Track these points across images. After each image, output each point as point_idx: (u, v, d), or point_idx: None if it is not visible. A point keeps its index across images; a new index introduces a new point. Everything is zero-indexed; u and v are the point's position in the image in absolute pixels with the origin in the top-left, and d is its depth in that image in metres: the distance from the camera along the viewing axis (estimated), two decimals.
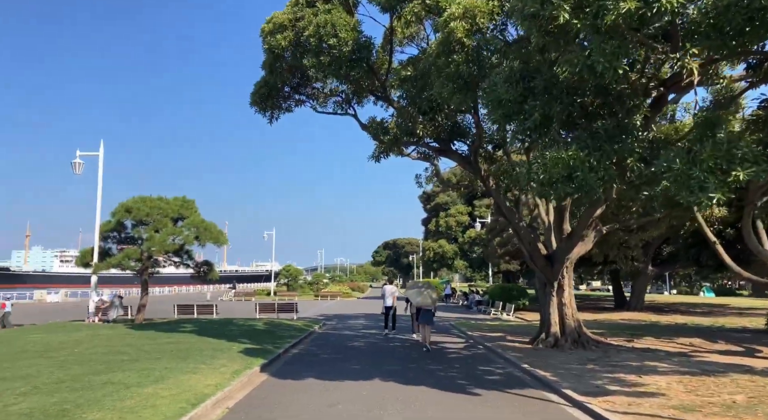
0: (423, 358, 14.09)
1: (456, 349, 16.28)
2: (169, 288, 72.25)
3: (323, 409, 8.35)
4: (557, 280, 16.52)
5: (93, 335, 16.40)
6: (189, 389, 9.02)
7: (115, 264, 20.87)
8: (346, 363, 13.02)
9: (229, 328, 19.39)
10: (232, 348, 14.24)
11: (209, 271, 23.84)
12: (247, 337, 16.73)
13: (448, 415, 8.05)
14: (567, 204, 15.78)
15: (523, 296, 34.58)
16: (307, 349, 15.84)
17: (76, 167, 22.27)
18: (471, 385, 10.35)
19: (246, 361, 12.24)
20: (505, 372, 12.16)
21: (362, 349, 15.90)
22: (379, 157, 17.59)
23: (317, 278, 64.09)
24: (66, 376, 9.62)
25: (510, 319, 29.39)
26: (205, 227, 21.91)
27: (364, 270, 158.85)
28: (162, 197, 22.70)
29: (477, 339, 18.54)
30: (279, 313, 27.11)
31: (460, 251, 49.70)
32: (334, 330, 21.74)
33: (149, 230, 21.39)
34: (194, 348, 13.81)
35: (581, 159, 8.85)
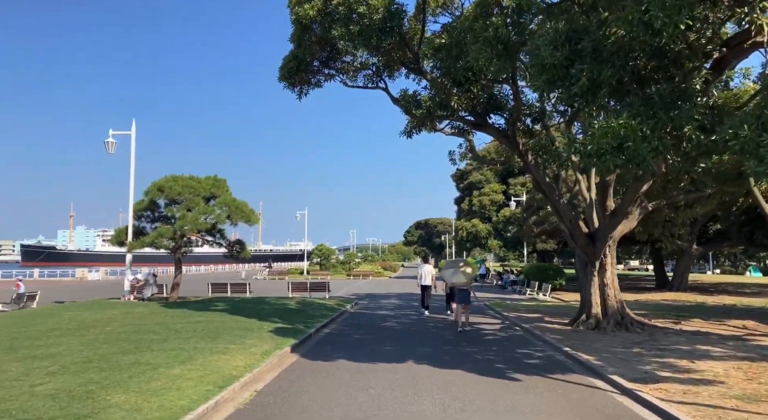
0: (458, 339, 13.61)
1: (492, 330, 15.74)
2: (205, 267, 73.51)
3: (355, 393, 7.96)
4: (599, 259, 15.74)
5: (126, 313, 16.47)
6: (217, 371, 8.75)
7: (148, 243, 20.94)
8: (379, 344, 12.65)
9: (260, 306, 19.27)
10: (263, 327, 14.02)
11: (242, 249, 23.77)
12: (278, 317, 16.54)
13: (487, 401, 7.56)
14: (611, 179, 14.90)
15: (559, 276, 33.70)
16: (338, 329, 15.55)
17: (108, 146, 22.33)
18: (510, 370, 9.82)
19: (276, 341, 11.98)
20: (545, 355, 11.58)
21: (395, 329, 15.52)
22: (411, 132, 16.95)
23: (349, 257, 64.14)
24: (94, 356, 9.48)
25: (546, 300, 28.63)
26: (236, 206, 21.75)
27: (396, 249, 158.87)
28: (193, 176, 22.61)
29: (513, 320, 17.95)
30: (311, 292, 26.99)
31: (494, 231, 48.71)
32: (367, 309, 21.45)
33: (181, 209, 21.35)
34: (225, 327, 13.64)
35: (633, 128, 8.09)
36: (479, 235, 48.26)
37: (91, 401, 6.69)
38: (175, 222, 21.06)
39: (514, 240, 46.03)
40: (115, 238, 22.20)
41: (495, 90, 15.16)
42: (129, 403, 6.68)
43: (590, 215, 15.99)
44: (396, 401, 7.52)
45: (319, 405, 7.32)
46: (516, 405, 7.41)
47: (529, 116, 15.68)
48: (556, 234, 30.49)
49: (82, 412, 6.23)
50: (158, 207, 22.87)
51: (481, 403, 7.49)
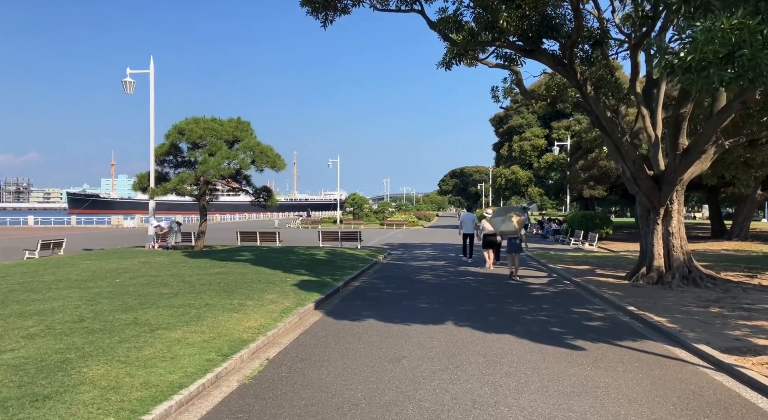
0: (503, 296, 12.12)
1: (539, 285, 14.18)
2: (239, 215, 73.59)
3: (384, 364, 6.59)
4: (664, 205, 13.83)
5: (144, 263, 15.53)
6: (225, 333, 7.50)
7: (170, 189, 19.88)
8: (413, 301, 11.27)
9: (287, 257, 18.14)
10: (287, 280, 12.80)
11: (268, 197, 22.56)
12: (304, 268, 15.33)
13: (547, 379, 6.08)
14: (686, 111, 12.74)
15: (606, 224, 31.65)
16: (369, 282, 14.25)
17: (127, 86, 21.02)
18: (569, 335, 8.29)
19: (299, 297, 10.72)
20: (606, 316, 9.99)
21: (431, 283, 14.12)
22: (450, 63, 14.96)
23: (383, 207, 62.83)
24: (89, 313, 8.36)
25: (593, 250, 26.78)
26: (261, 150, 20.35)
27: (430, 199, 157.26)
28: (216, 118, 21.22)
29: (561, 273, 16.34)
30: (342, 242, 25.84)
31: (535, 177, 46.30)
32: (400, 261, 20.12)
33: (204, 153, 20.10)
34: (245, 280, 12.47)
35: (750, 29, 6.11)
36: (519, 182, 45.89)
37: (62, 375, 5.49)
38: (198, 167, 19.85)
39: (556, 187, 43.58)
40: (137, 183, 21.24)
41: (549, 10, 12.96)
42: (107, 378, 5.45)
43: (655, 156, 13.95)
44: (434, 377, 6.11)
45: (342, 381, 5.98)
46: (585, 384, 5.91)
47: (588, 40, 13.45)
48: (605, 179, 28.23)
49: (43, 391, 5.02)
50: (181, 151, 21.69)
51: (540, 381, 6.02)
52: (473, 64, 16.87)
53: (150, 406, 4.86)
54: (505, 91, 18.53)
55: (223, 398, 5.45)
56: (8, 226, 49.25)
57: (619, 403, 5.35)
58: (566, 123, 45.16)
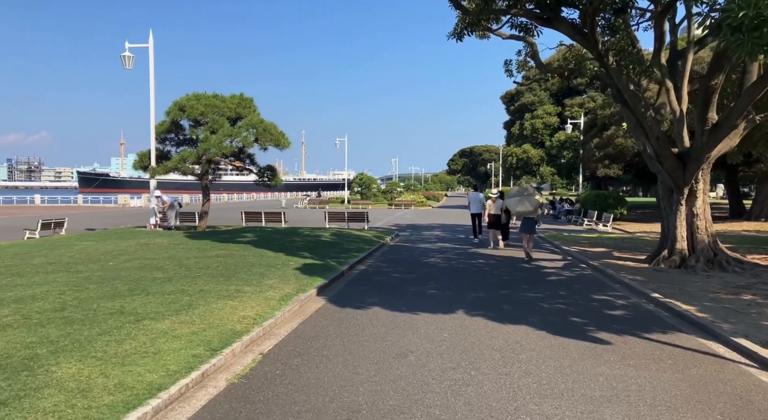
0: (517, 281, 11.44)
1: (555, 268, 13.48)
2: (247, 195, 73.18)
3: (389, 361, 5.96)
4: (689, 185, 13.01)
5: (142, 244, 14.97)
6: (217, 324, 6.89)
7: (171, 167, 19.25)
8: (421, 286, 10.62)
9: (291, 238, 17.53)
10: (289, 264, 12.19)
11: (273, 176, 21.89)
12: (309, 250, 14.72)
13: (572, 379, 5.42)
14: (717, 83, 11.83)
15: (620, 204, 30.80)
16: (375, 265, 13.61)
17: (126, 61, 20.27)
18: (590, 326, 7.61)
19: (301, 282, 10.10)
20: (629, 303, 9.29)
21: (440, 266, 13.46)
22: (461, 33, 14.10)
23: (391, 187, 62.08)
24: (73, 301, 7.78)
25: (608, 231, 26.00)
26: (264, 128, 19.61)
27: (439, 179, 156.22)
28: (217, 94, 20.46)
29: (576, 255, 15.62)
30: (349, 223, 25.20)
31: (547, 156, 45.20)
32: (408, 242, 19.46)
33: (205, 131, 19.41)
34: (245, 263, 11.87)
35: None
36: (530, 161, 44.83)
37: (27, 374, 4.90)
38: (199, 145, 19.17)
39: (568, 166, 42.51)
40: (138, 162, 20.61)
41: None
42: (77, 379, 4.85)
43: (679, 132, 13.08)
44: (444, 377, 5.47)
45: (342, 381, 5.36)
46: (616, 387, 5.24)
47: (611, 5, 12.49)
48: (621, 158, 27.26)
49: (0, 396, 4.42)
50: (182, 129, 21.02)
51: (564, 382, 5.36)
52: (486, 36, 15.96)
53: (121, 413, 4.25)
54: (519, 64, 17.59)
55: (207, 401, 4.84)
56: (15, 205, 49.11)
57: (658, 411, 4.68)
58: (579, 100, 43.85)
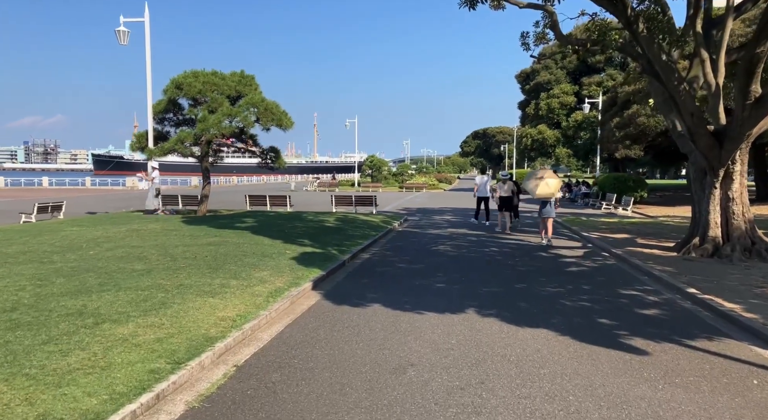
0: (534, 272, 10.41)
1: (574, 257, 12.42)
2: (257, 177, 72.44)
3: (384, 377, 4.99)
4: (725, 166, 11.82)
5: (134, 230, 14.13)
6: (189, 328, 5.97)
7: (168, 149, 18.34)
8: (428, 279, 9.63)
9: (293, 224, 16.60)
10: (286, 252, 11.26)
11: (276, 158, 20.92)
12: (309, 237, 13.78)
13: (608, 407, 4.42)
14: (764, 51, 10.55)
15: (640, 187, 29.43)
16: (380, 254, 12.64)
17: (120, 36, 19.27)
18: (622, 329, 6.58)
19: (295, 274, 9.16)
20: (663, 300, 8.23)
21: (450, 255, 12.45)
22: (474, 0, 12.89)
23: (402, 169, 60.90)
24: (30, 298, 6.91)
25: (628, 215, 24.77)
26: (266, 107, 18.58)
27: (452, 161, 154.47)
28: (217, 71, 19.43)
29: (597, 242, 14.53)
30: (357, 207, 24.22)
31: (563, 137, 43.62)
32: (417, 228, 18.45)
33: (203, 110, 18.44)
34: (237, 253, 10.95)
35: None
36: (546, 142, 43.30)
37: None
38: (197, 126, 18.21)
39: (585, 147, 40.99)
40: (135, 143, 19.71)
41: None
42: None
43: (715, 107, 11.83)
44: (450, 401, 4.49)
45: (325, 406, 4.41)
46: (663, 417, 4.22)
47: None
48: (642, 138, 25.87)
49: None
50: (182, 108, 20.05)
51: (598, 410, 4.35)
52: (501, 6, 14.74)
53: None
54: (537, 36, 16.28)
55: None
56: (22, 188, 48.76)
57: None
58: (598, 79, 42.12)
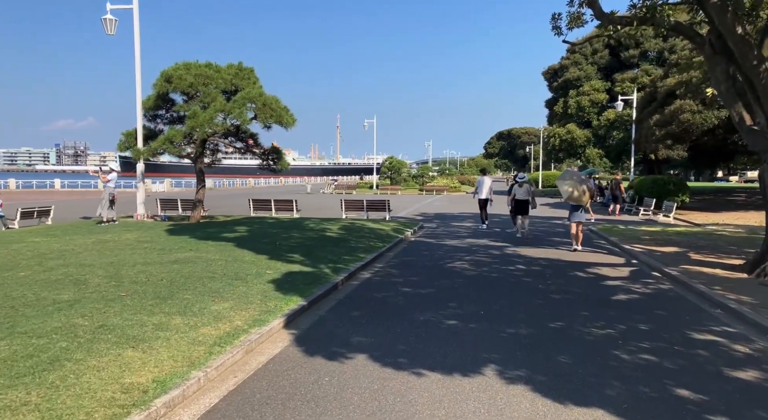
0: (571, 301, 8.21)
1: (619, 278, 10.16)
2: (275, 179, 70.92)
3: None
4: None
5: (100, 242, 12.30)
6: (61, 413, 3.97)
7: (156, 149, 16.55)
8: (437, 311, 7.53)
9: (290, 233, 14.63)
10: (266, 273, 9.27)
11: (278, 159, 19.01)
12: (303, 251, 11.78)
13: None
14: None
15: (681, 191, 26.82)
16: (383, 272, 10.56)
17: (107, 25, 17.57)
18: (717, 412, 4.38)
19: (266, 306, 7.16)
20: (758, 352, 5.97)
21: (467, 275, 10.31)
22: None
23: (423, 171, 58.66)
24: None
25: (670, 222, 22.27)
26: (264, 102, 16.65)
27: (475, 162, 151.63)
28: (211, 63, 17.60)
29: (643, 258, 12.26)
30: (368, 212, 22.20)
31: (594, 137, 40.86)
32: (432, 238, 16.32)
33: (194, 105, 16.62)
34: (204, 273, 9.00)
35: None
36: (575, 142, 40.55)
37: None
38: (186, 123, 16.38)
39: (618, 148, 38.29)
40: (122, 143, 17.96)
41: None
42: None
43: None
44: None
45: None
46: None
47: None
48: (686, 137, 23.29)
49: None
50: (175, 104, 18.26)
51: None
52: None
53: None
54: (571, 17, 14.00)
55: None
56: (33, 190, 47.90)
57: None
58: (631, 75, 39.34)
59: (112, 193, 16.52)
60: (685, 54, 24.13)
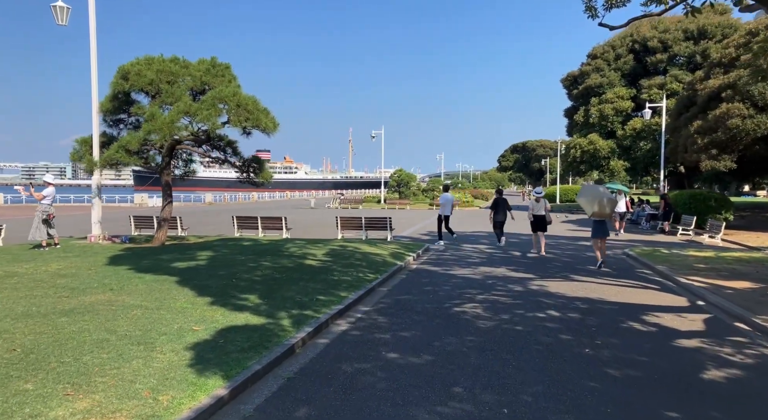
0: (638, 382, 5.28)
1: (693, 334, 7.21)
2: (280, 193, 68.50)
3: None
4: None
5: (9, 276, 9.57)
6: None
7: (108, 158, 13.90)
8: (434, 402, 4.64)
9: (260, 261, 11.84)
10: (192, 330, 6.48)
11: (259, 170, 16.29)
12: (264, 289, 8.98)
13: None
14: None
15: (725, 207, 23.70)
16: (367, 321, 7.71)
17: (58, 14, 15.07)
18: None
19: (156, 399, 4.41)
20: None
21: (481, 328, 7.41)
22: None
23: (433, 184, 55.81)
24: None
25: (718, 244, 19.16)
26: (238, 102, 13.98)
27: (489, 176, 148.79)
28: (178, 58, 15.00)
29: (710, 298, 9.34)
30: (367, 231, 19.38)
31: (619, 148, 37.71)
32: (438, 264, 13.44)
33: (153, 106, 13.99)
34: (95, 333, 6.24)
35: None
36: (598, 153, 37.43)
37: None
38: (142, 127, 13.74)
39: (645, 160, 35.22)
40: (75, 152, 15.34)
41: None
42: None
43: None
44: None
45: None
46: None
47: None
48: (733, 145, 20.22)
49: None
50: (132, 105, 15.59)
51: None
52: None
53: None
54: None
55: None
56: (23, 205, 45.65)
57: None
58: (659, 81, 36.26)
59: (47, 212, 13.83)
60: (729, 52, 21.13)
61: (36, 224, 13.53)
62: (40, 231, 13.53)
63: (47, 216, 13.71)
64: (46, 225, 13.76)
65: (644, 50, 38.81)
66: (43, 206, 13.72)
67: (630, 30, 40.02)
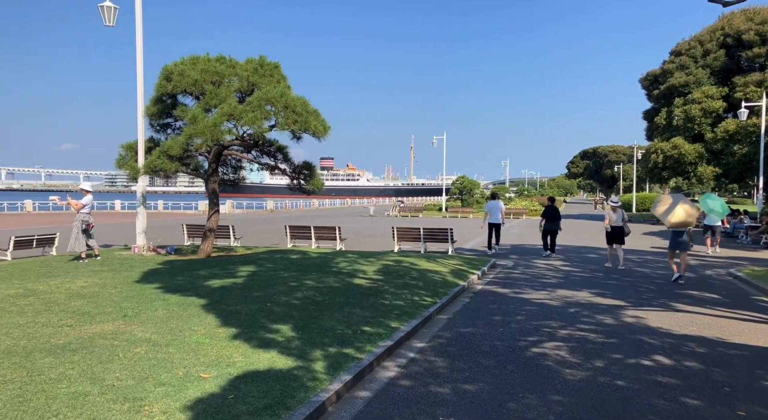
0: None
1: None
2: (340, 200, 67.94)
3: None
4: None
5: (22, 296, 8.66)
6: None
7: (151, 165, 13.07)
8: None
9: (303, 280, 10.49)
10: (199, 377, 5.15)
11: (310, 177, 15.10)
12: (300, 317, 7.59)
13: None
14: None
15: None
16: (420, 367, 6.13)
17: (105, 14, 14.49)
18: None
19: None
20: None
21: (570, 384, 5.65)
22: None
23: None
24: None
25: None
26: (285, 104, 12.81)
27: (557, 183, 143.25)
28: (225, 57, 14.04)
29: None
30: (426, 243, 17.79)
31: (707, 153, 34.07)
32: (507, 285, 11.64)
33: (197, 108, 13.05)
34: (73, 384, 5.01)
35: None
36: (684, 159, 33.95)
37: None
38: (183, 131, 12.81)
39: (740, 165, 31.58)
40: (121, 159, 14.65)
41: None
42: None
43: None
44: None
45: None
46: None
47: None
48: None
49: None
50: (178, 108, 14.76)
51: None
52: None
53: None
54: None
55: None
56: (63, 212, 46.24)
57: None
58: (757, 77, 32.44)
59: (86, 221, 13.12)
60: None
61: (75, 234, 12.85)
62: (79, 242, 12.83)
63: (86, 226, 13.02)
64: (86, 235, 13.07)
65: (738, 44, 35.06)
66: (82, 215, 13.03)
67: (721, 23, 36.39)
